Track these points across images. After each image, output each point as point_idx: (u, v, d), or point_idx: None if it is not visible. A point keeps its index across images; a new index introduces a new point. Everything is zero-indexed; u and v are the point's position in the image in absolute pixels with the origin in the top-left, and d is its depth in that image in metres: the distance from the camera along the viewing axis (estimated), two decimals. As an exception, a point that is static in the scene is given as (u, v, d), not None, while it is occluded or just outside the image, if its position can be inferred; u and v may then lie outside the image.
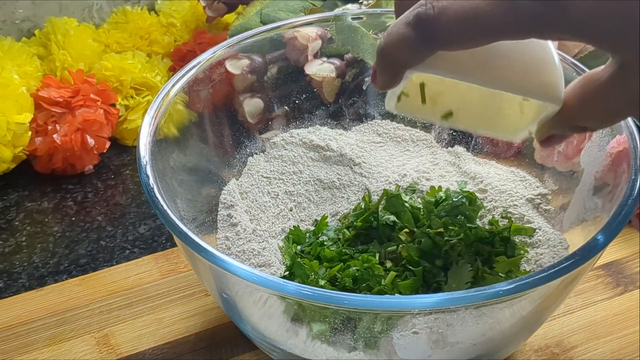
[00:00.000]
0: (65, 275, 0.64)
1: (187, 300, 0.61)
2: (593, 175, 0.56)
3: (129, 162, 0.77)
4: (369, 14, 0.68)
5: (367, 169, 0.65)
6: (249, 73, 0.65)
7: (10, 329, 0.59)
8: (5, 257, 0.66)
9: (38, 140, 0.73)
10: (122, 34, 0.85)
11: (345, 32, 0.67)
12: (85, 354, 0.57)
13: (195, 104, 0.61)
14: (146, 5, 0.90)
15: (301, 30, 0.66)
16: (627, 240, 0.65)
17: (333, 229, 0.59)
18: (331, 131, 0.67)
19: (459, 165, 0.65)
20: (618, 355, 0.56)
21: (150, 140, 0.53)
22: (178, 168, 0.58)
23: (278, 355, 0.52)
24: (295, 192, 0.63)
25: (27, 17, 0.86)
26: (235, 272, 0.43)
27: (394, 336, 0.46)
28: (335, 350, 0.48)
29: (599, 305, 0.60)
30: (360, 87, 0.69)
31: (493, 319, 0.47)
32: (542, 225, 0.59)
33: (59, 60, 0.80)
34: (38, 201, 0.72)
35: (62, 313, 0.60)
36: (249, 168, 0.65)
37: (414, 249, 0.54)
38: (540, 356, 0.56)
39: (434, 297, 0.43)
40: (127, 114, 0.78)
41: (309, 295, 0.42)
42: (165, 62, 0.83)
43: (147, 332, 0.59)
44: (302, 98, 0.68)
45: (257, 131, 0.67)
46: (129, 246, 0.67)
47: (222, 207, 0.61)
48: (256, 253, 0.56)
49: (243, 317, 0.50)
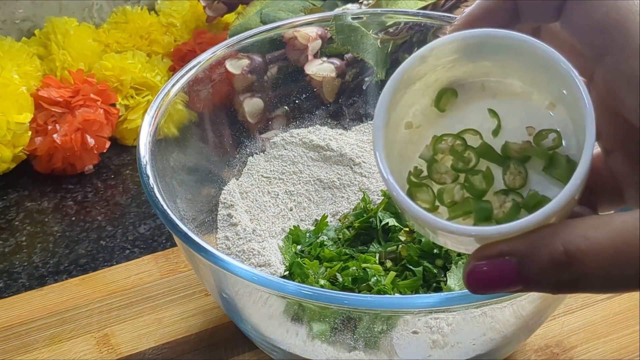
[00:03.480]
0: (65, 275, 0.64)
1: (187, 300, 0.61)
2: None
3: (129, 162, 0.77)
4: (369, 14, 0.68)
5: (367, 169, 0.65)
6: (249, 73, 0.65)
7: (10, 329, 0.59)
8: (5, 257, 0.66)
9: (38, 140, 0.73)
10: (122, 34, 0.85)
11: (345, 32, 0.67)
12: (85, 353, 0.57)
13: (195, 104, 0.61)
14: (146, 5, 0.90)
15: (301, 30, 0.66)
16: (627, 240, 0.65)
17: (333, 229, 0.59)
18: (331, 131, 0.67)
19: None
20: (618, 355, 0.56)
21: (150, 140, 0.53)
22: (178, 168, 0.58)
23: (278, 355, 0.52)
24: (295, 192, 0.63)
25: (27, 17, 0.86)
26: (235, 272, 0.43)
27: (394, 336, 0.46)
28: (335, 350, 0.48)
29: (599, 305, 0.60)
30: (360, 87, 0.69)
31: (493, 318, 0.47)
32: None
33: (59, 60, 0.80)
34: (38, 201, 0.72)
35: (62, 313, 0.60)
36: (249, 168, 0.65)
37: (414, 248, 0.54)
38: (540, 356, 0.56)
39: (434, 297, 0.43)
40: (127, 113, 0.78)
41: (309, 295, 0.42)
42: (165, 62, 0.83)
43: (147, 332, 0.59)
44: (302, 98, 0.68)
45: (257, 131, 0.67)
46: (129, 246, 0.67)
47: (222, 207, 0.61)
48: (256, 253, 0.56)
49: (243, 317, 0.50)
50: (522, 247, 0.30)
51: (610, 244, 0.29)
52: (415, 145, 0.37)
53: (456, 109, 0.36)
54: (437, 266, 0.54)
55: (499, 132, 0.35)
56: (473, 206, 0.34)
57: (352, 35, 0.67)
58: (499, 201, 0.34)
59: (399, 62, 0.50)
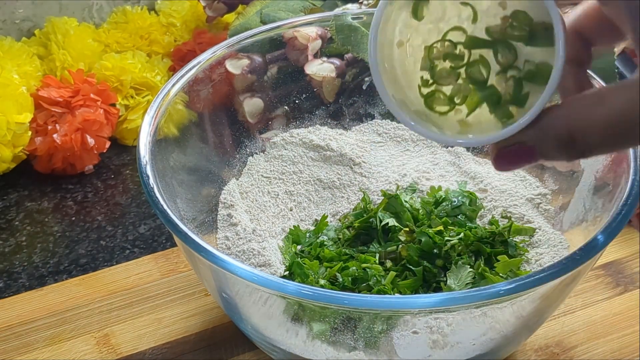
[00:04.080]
0: (65, 275, 0.64)
1: (187, 300, 0.61)
2: (593, 175, 0.56)
3: (129, 162, 0.77)
4: (369, 14, 0.68)
5: (367, 169, 0.65)
6: (249, 73, 0.65)
7: (10, 329, 0.59)
8: (5, 257, 0.66)
9: (38, 140, 0.73)
10: (122, 34, 0.85)
11: (345, 32, 0.67)
12: (85, 353, 0.57)
13: (195, 104, 0.61)
14: (146, 5, 0.90)
15: (301, 30, 0.66)
16: (627, 240, 0.65)
17: (333, 229, 0.59)
18: (331, 131, 0.67)
19: (459, 165, 0.65)
20: (618, 355, 0.56)
21: (150, 140, 0.53)
22: (178, 168, 0.58)
23: (278, 355, 0.52)
24: (295, 192, 0.63)
25: (27, 17, 0.86)
26: (235, 272, 0.43)
27: (394, 336, 0.46)
28: (335, 350, 0.48)
29: (599, 305, 0.60)
30: (360, 87, 0.69)
31: (493, 318, 0.47)
32: (542, 225, 0.59)
33: (59, 60, 0.80)
34: (38, 201, 0.72)
35: (62, 313, 0.60)
36: (249, 168, 0.65)
37: (414, 248, 0.54)
38: (540, 356, 0.56)
39: (434, 297, 0.43)
40: (127, 113, 0.78)
41: (309, 295, 0.42)
42: (165, 62, 0.83)
43: (147, 332, 0.59)
44: (302, 98, 0.68)
45: (257, 131, 0.67)
46: (129, 246, 0.67)
47: (222, 207, 0.61)
48: (256, 253, 0.56)
49: (243, 317, 0.50)
50: (533, 135, 0.37)
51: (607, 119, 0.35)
52: (413, 58, 0.42)
53: (434, 11, 0.41)
54: (437, 266, 0.54)
55: (477, 17, 0.40)
56: (481, 96, 0.40)
57: (352, 35, 0.67)
58: (502, 81, 0.40)
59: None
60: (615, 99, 0.35)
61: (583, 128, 0.36)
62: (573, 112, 0.36)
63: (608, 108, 0.35)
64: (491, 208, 0.61)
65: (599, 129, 0.35)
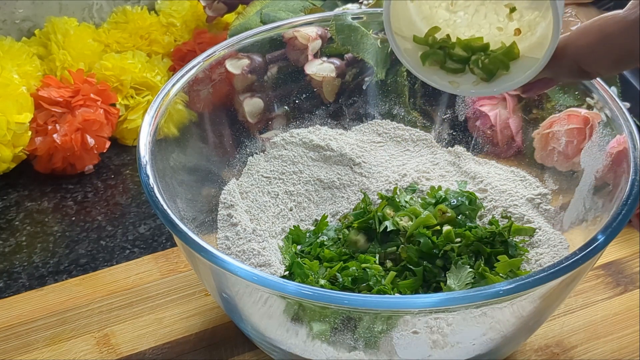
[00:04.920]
0: (65, 275, 0.64)
1: (187, 300, 0.61)
2: (593, 175, 0.56)
3: (129, 162, 0.77)
4: (369, 14, 0.68)
5: (367, 169, 0.65)
6: (249, 73, 0.65)
7: (10, 329, 0.59)
8: (5, 257, 0.66)
9: (38, 140, 0.73)
10: (122, 34, 0.85)
11: (345, 32, 0.67)
12: (85, 353, 0.57)
13: (195, 104, 0.61)
14: (146, 5, 0.90)
15: (301, 30, 0.66)
16: (627, 240, 0.65)
17: (333, 229, 0.59)
18: (331, 131, 0.67)
19: (459, 165, 0.65)
20: (618, 355, 0.56)
21: (150, 140, 0.53)
22: (178, 168, 0.58)
23: (278, 355, 0.52)
24: (295, 192, 0.63)
25: (27, 17, 0.86)
26: (235, 272, 0.43)
27: (394, 336, 0.46)
28: (335, 350, 0.48)
29: (599, 305, 0.60)
30: (360, 87, 0.69)
31: (493, 318, 0.47)
32: (542, 225, 0.59)
33: (59, 60, 0.80)
34: (38, 201, 0.72)
35: (62, 313, 0.60)
36: (249, 168, 0.65)
37: (413, 250, 0.54)
38: (540, 356, 0.56)
39: (434, 297, 0.43)
40: (127, 113, 0.78)
41: (309, 295, 0.42)
42: (165, 62, 0.83)
43: (147, 332, 0.59)
44: (302, 98, 0.68)
45: (257, 131, 0.67)
46: (129, 246, 0.67)
47: (222, 207, 0.61)
48: (256, 253, 0.56)
49: (243, 317, 0.50)
50: (549, 74, 0.45)
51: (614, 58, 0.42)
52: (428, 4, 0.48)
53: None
54: (437, 266, 0.54)
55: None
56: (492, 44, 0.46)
57: (352, 35, 0.67)
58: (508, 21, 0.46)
59: (399, 62, 0.50)
60: (618, 38, 0.41)
61: (593, 63, 0.43)
62: (582, 51, 0.43)
63: (613, 46, 0.42)
64: (491, 208, 0.61)
65: (607, 61, 0.43)
